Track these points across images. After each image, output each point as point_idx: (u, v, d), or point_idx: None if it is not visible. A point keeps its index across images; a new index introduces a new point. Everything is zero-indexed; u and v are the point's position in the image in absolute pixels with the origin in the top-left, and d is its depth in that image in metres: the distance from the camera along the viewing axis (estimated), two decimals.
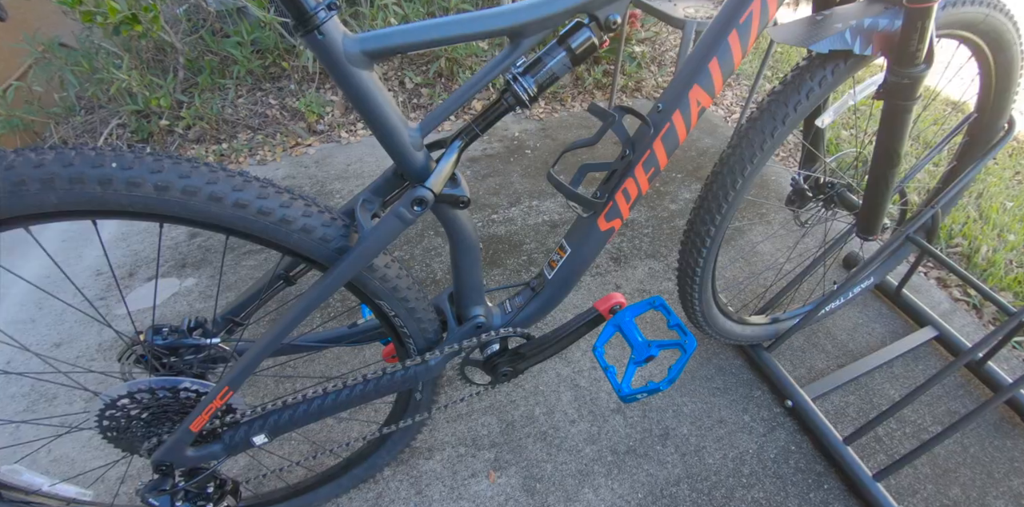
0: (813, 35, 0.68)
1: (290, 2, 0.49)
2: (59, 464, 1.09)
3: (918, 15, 0.64)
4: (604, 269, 1.47)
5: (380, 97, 0.56)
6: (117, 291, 1.50)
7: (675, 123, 0.68)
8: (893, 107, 0.76)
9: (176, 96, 2.11)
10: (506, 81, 0.60)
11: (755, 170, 0.79)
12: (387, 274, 0.68)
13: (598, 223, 0.75)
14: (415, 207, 0.60)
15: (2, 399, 1.21)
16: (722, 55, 0.65)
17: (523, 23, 0.55)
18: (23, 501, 0.79)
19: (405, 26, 0.54)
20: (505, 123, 2.06)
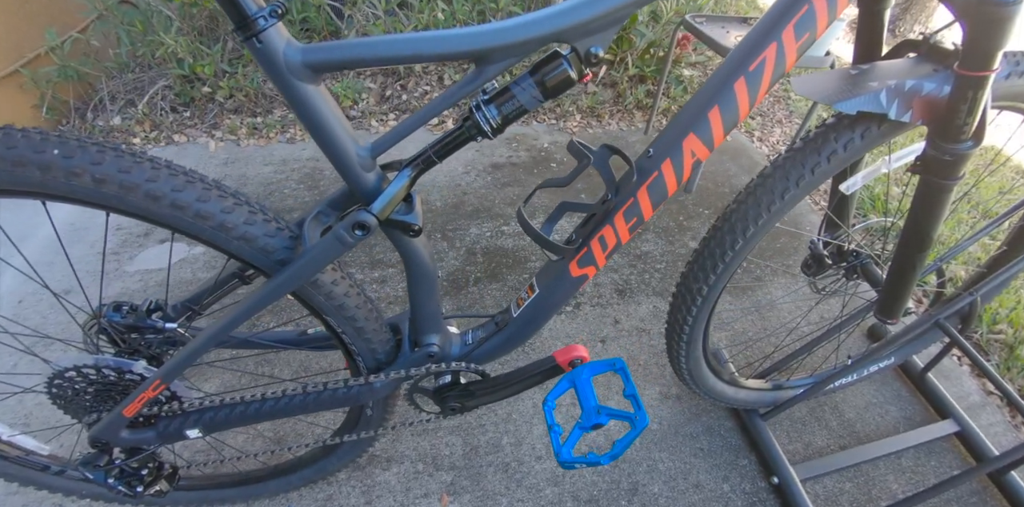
0: (843, 91, 0.58)
1: (229, 4, 0.45)
2: (27, 419, 1.11)
3: (969, 84, 0.54)
4: (607, 300, 1.39)
5: (326, 112, 0.52)
6: (141, 244, 1.56)
7: (664, 173, 0.61)
8: (930, 184, 0.65)
9: (221, 66, 2.12)
10: (469, 108, 0.55)
11: (759, 231, 0.70)
12: (333, 291, 0.65)
13: (570, 268, 0.69)
14: (356, 231, 0.57)
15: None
16: (725, 104, 0.56)
17: (488, 48, 0.50)
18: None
19: (357, 40, 0.50)
20: (536, 132, 1.99)
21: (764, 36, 0.53)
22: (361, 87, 2.08)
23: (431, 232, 1.58)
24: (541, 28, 0.49)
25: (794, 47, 0.53)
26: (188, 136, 2.08)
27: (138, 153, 0.54)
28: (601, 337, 1.31)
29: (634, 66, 2.06)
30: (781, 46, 0.53)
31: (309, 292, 0.64)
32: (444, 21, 2.04)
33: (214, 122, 2.10)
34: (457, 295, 1.41)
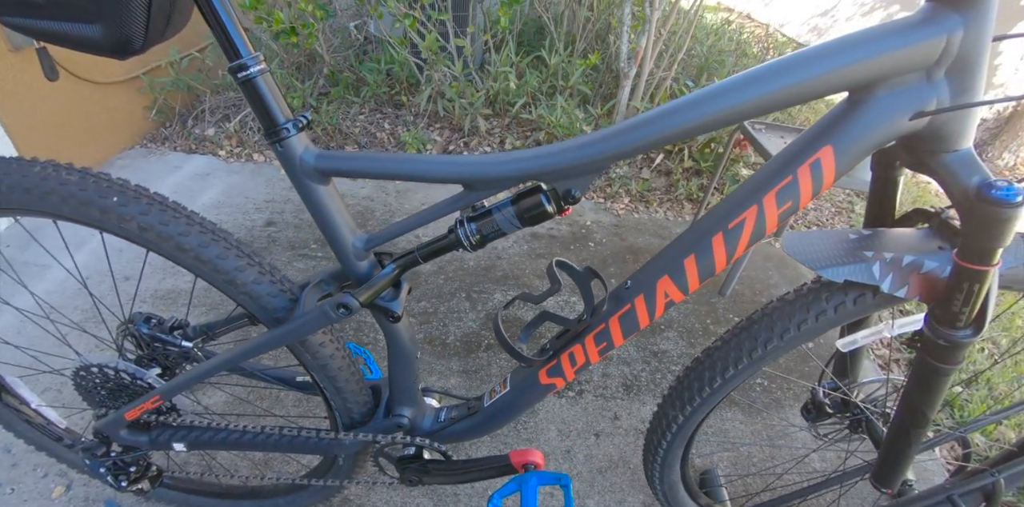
0: (834, 257, 0.56)
1: (262, 113, 0.56)
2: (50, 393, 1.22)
3: (967, 275, 0.51)
4: (611, 393, 1.37)
5: (331, 207, 0.61)
6: None
7: (636, 307, 0.62)
8: (926, 365, 0.61)
9: (308, 100, 2.31)
10: (456, 221, 0.61)
11: (737, 375, 0.69)
12: (319, 352, 0.73)
13: (539, 376, 0.71)
14: (339, 309, 0.63)
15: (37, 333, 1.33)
16: (701, 254, 0.57)
17: (473, 178, 0.57)
18: (15, 408, 0.96)
19: (364, 154, 0.60)
20: (581, 209, 2.03)
21: (747, 197, 0.54)
22: (427, 138, 2.20)
23: (457, 290, 1.62)
24: (522, 167, 0.55)
25: (775, 213, 0.54)
26: (266, 157, 2.25)
27: (179, 208, 0.65)
28: (597, 430, 1.28)
29: (691, 158, 2.09)
30: (762, 210, 0.54)
31: (298, 349, 0.72)
32: (516, 90, 2.15)
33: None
34: (466, 358, 1.42)
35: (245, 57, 0.54)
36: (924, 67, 0.47)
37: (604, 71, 2.44)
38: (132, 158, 2.20)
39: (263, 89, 0.55)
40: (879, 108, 0.48)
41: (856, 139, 0.49)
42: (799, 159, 0.51)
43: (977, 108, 0.48)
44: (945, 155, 0.51)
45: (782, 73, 0.48)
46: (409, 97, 2.35)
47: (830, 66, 0.47)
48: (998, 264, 0.51)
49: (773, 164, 0.53)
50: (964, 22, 0.45)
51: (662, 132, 0.50)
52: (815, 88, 0.48)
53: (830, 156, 0.50)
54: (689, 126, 0.50)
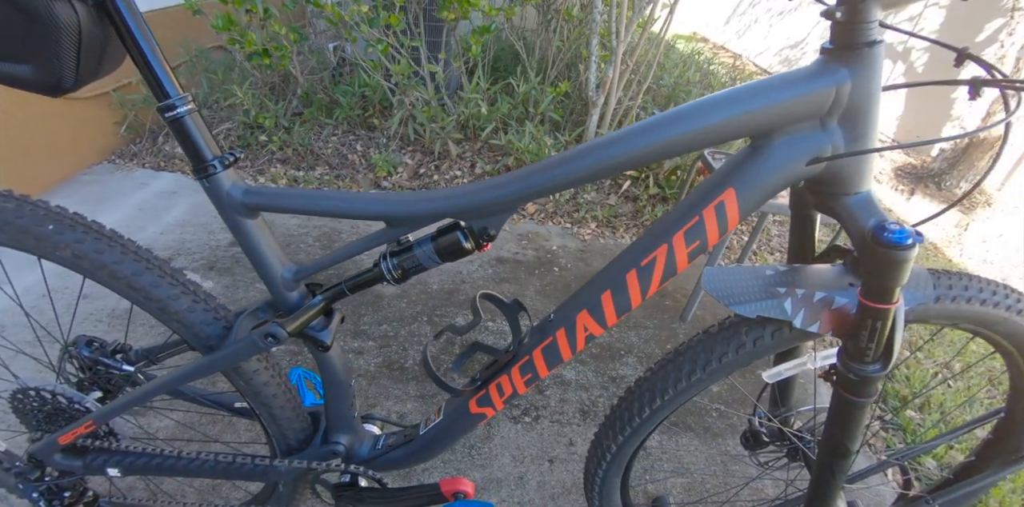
0: (749, 293, 0.57)
1: (190, 150, 0.57)
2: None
3: (869, 313, 0.53)
4: (568, 418, 1.37)
5: (259, 240, 0.63)
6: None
7: (558, 340, 0.64)
8: (842, 398, 0.62)
9: (281, 120, 2.32)
10: (380, 256, 0.63)
11: (664, 406, 0.70)
12: (253, 379, 0.73)
13: (469, 405, 0.72)
14: (267, 339, 0.64)
15: None
16: (617, 291, 0.59)
17: (392, 215, 0.59)
18: None
19: (291, 190, 0.62)
20: (549, 233, 2.05)
21: (659, 237, 0.57)
22: (398, 161, 2.22)
23: (420, 314, 1.61)
24: (439, 206, 0.57)
25: (684, 252, 0.56)
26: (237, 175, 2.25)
27: (115, 236, 0.66)
28: (551, 457, 1.27)
29: (656, 185, 2.13)
30: (672, 249, 0.56)
31: (232, 375, 0.72)
32: (487, 116, 2.19)
33: (261, 168, 2.26)
34: (423, 383, 1.41)
35: (173, 97, 0.56)
36: (818, 116, 0.50)
37: (575, 98, 2.50)
38: (98, 174, 2.18)
39: (191, 128, 0.57)
40: (777, 154, 0.51)
41: (756, 183, 0.52)
42: (705, 201, 0.53)
43: (872, 154, 0.52)
44: (845, 198, 0.53)
45: (686, 119, 0.50)
46: (382, 120, 2.38)
47: (730, 113, 0.50)
48: (897, 302, 0.54)
49: (682, 205, 0.56)
50: (851, 75, 0.48)
51: (568, 175, 0.53)
52: (717, 134, 0.50)
53: (733, 198, 0.52)
54: (595, 168, 0.52)
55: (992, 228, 3.48)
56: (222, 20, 2.12)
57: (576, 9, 2.52)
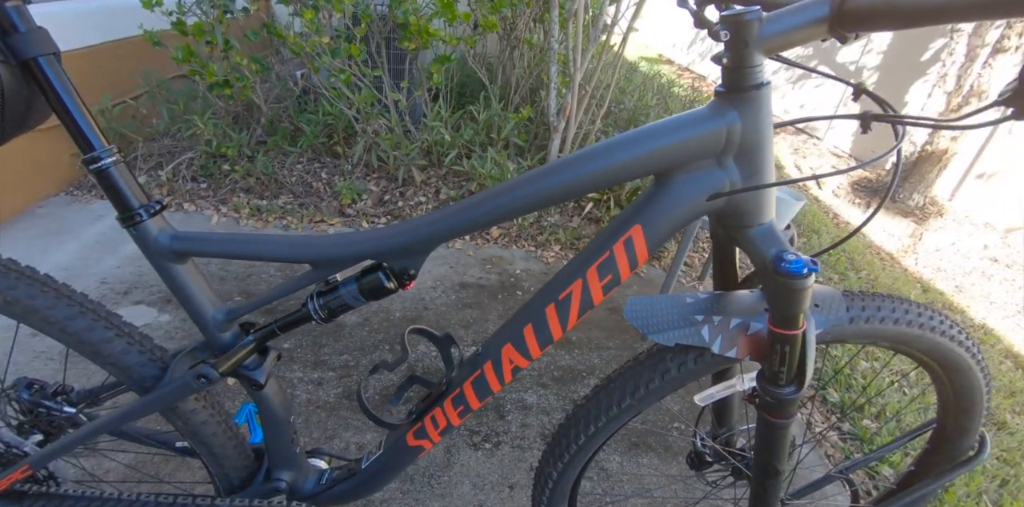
0: (668, 321, 0.59)
1: (116, 200, 0.58)
2: None
3: (778, 339, 0.55)
4: (529, 443, 1.37)
5: (189, 284, 0.64)
6: (116, 301, 1.69)
7: (485, 373, 0.66)
8: (764, 419, 0.64)
9: (244, 149, 2.32)
10: (308, 295, 0.64)
11: (598, 433, 0.71)
12: (191, 418, 0.73)
13: (407, 437, 0.73)
14: (200, 380, 0.65)
15: None
16: (537, 324, 0.61)
17: (317, 258, 0.61)
18: None
19: (216, 235, 0.63)
20: (513, 257, 2.08)
21: (574, 272, 0.59)
22: (363, 188, 2.23)
23: (381, 342, 1.61)
24: (359, 249, 0.59)
25: (599, 286, 0.58)
26: (197, 206, 2.23)
27: (49, 282, 0.65)
28: (511, 482, 1.27)
29: (618, 207, 2.18)
30: (586, 283, 0.58)
31: (170, 415, 0.72)
32: (450, 142, 2.23)
33: (223, 197, 2.25)
34: (383, 410, 1.40)
35: (98, 150, 0.57)
36: (714, 154, 0.53)
37: (538, 123, 2.56)
38: (54, 206, 2.14)
39: (116, 179, 0.58)
40: (679, 190, 0.54)
41: (661, 218, 0.54)
42: (615, 237, 0.56)
43: (770, 188, 0.55)
44: (749, 229, 0.56)
45: (594, 159, 0.53)
46: (346, 147, 2.40)
47: (634, 153, 0.53)
48: (803, 328, 0.56)
49: (595, 241, 0.58)
50: (741, 116, 0.51)
51: (477, 217, 0.55)
52: (623, 172, 0.53)
53: (640, 234, 0.55)
54: (505, 209, 0.54)
55: (944, 237, 3.62)
56: (182, 52, 2.13)
57: (536, 37, 2.60)
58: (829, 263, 2.69)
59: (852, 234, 0.59)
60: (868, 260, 2.89)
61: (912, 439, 0.96)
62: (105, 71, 2.38)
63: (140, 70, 2.46)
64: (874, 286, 2.60)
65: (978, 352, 0.75)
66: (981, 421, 0.84)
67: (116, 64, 2.43)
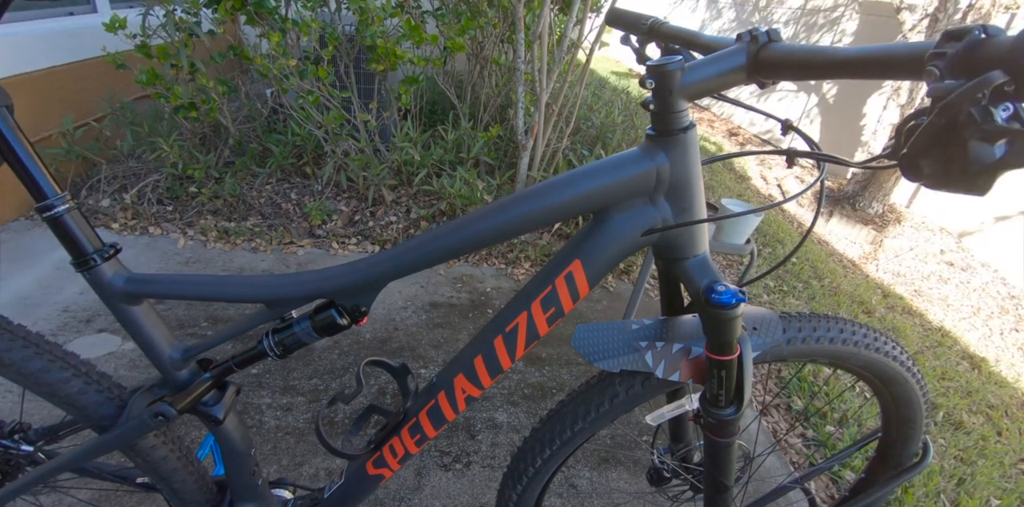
0: (613, 347, 0.62)
1: (71, 246, 0.59)
2: None
3: (715, 364, 0.58)
4: (500, 463, 1.38)
5: (144, 325, 0.65)
6: (79, 329, 1.65)
7: (440, 402, 0.67)
8: (708, 438, 0.67)
9: (212, 171, 2.30)
10: (264, 332, 0.66)
11: (554, 456, 0.73)
12: (151, 455, 0.74)
13: (366, 466, 0.75)
14: (157, 418, 0.65)
15: None
16: (487, 355, 0.64)
17: (270, 298, 0.62)
18: None
19: (172, 276, 0.64)
20: (483, 275, 2.10)
21: (520, 305, 0.61)
22: (333, 208, 2.24)
23: (351, 365, 1.61)
24: (311, 288, 0.61)
25: (543, 318, 0.61)
26: (163, 229, 2.20)
27: (4, 323, 0.65)
28: (482, 503, 1.28)
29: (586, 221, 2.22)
30: (531, 316, 0.61)
31: (128, 452, 0.72)
32: (420, 161, 2.25)
33: (190, 220, 2.23)
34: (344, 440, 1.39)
35: (51, 197, 0.58)
36: (646, 193, 0.56)
37: (508, 141, 2.60)
38: (15, 231, 2.10)
39: (70, 225, 0.59)
40: (615, 227, 0.57)
41: (599, 254, 0.58)
42: (556, 271, 0.59)
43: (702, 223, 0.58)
44: (683, 261, 0.60)
45: (536, 198, 0.56)
46: (315, 168, 2.40)
47: (573, 192, 0.56)
48: (737, 354, 0.60)
49: (538, 276, 0.61)
50: (669, 157, 0.55)
51: (425, 256, 0.58)
52: (564, 210, 0.56)
53: (580, 269, 0.58)
54: (451, 248, 0.57)
55: (903, 243, 3.76)
56: (146, 75, 2.12)
57: (504, 57, 2.65)
58: (793, 272, 2.77)
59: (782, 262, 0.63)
60: (831, 268, 2.98)
61: (860, 448, 1.01)
62: (67, 92, 2.35)
63: (103, 91, 2.44)
64: (837, 293, 2.69)
65: (913, 365, 0.79)
66: (922, 429, 0.88)
67: (78, 85, 2.40)
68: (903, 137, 0.35)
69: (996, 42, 0.31)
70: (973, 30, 0.33)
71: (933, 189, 0.33)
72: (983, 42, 0.32)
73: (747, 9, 6.68)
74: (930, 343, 2.56)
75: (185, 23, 2.14)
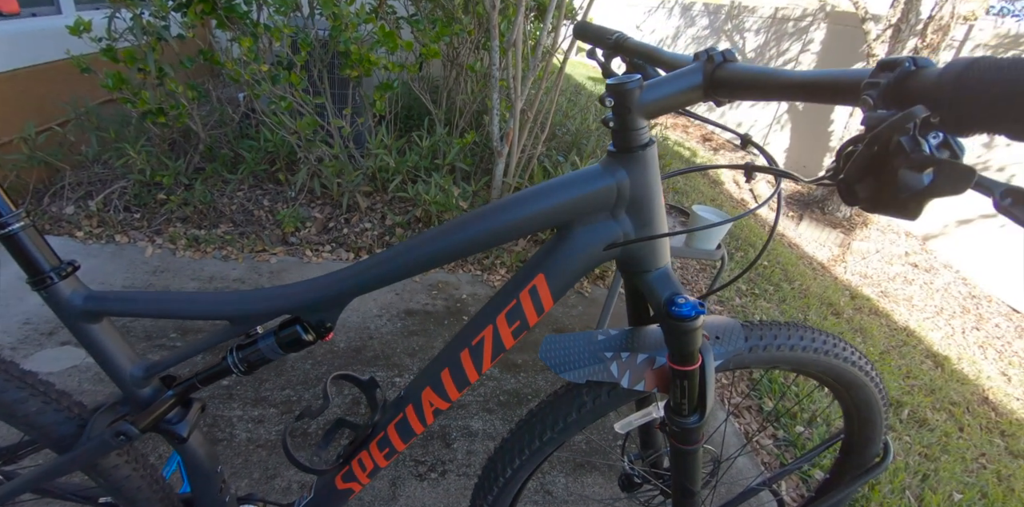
0: (579, 358, 0.63)
1: (26, 265, 0.58)
2: None
3: (677, 374, 0.60)
4: (475, 470, 1.37)
5: (104, 343, 0.64)
6: (41, 342, 1.60)
7: (408, 416, 0.67)
8: (673, 446, 0.69)
9: (181, 177, 2.26)
10: (228, 349, 0.65)
11: (523, 466, 0.74)
12: (113, 474, 0.72)
13: (336, 481, 0.74)
14: (118, 437, 0.64)
15: None
16: (454, 369, 0.64)
17: (233, 315, 0.62)
18: None
19: (131, 294, 0.63)
20: (459, 282, 2.10)
21: (485, 318, 0.62)
22: (306, 215, 2.21)
23: (325, 375, 1.59)
24: (275, 304, 0.60)
25: (508, 331, 0.61)
26: (130, 238, 2.15)
27: None
28: None
29: None
30: (496, 329, 0.61)
31: (89, 472, 0.70)
32: (395, 167, 2.24)
33: (159, 228, 2.18)
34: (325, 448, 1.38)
35: (5, 215, 0.56)
36: (607, 208, 0.57)
37: (483, 147, 2.61)
38: None
39: (25, 243, 0.58)
40: (578, 241, 0.58)
41: (562, 268, 0.58)
42: (521, 285, 0.59)
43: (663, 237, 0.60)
44: (645, 274, 0.61)
45: (501, 213, 0.56)
46: (288, 174, 2.37)
47: (537, 207, 0.56)
48: (698, 364, 0.61)
49: (504, 289, 0.62)
50: (629, 173, 0.56)
51: (394, 270, 0.58)
52: (529, 225, 0.57)
53: (543, 283, 0.59)
54: (418, 262, 0.57)
55: (870, 246, 3.88)
56: (112, 79, 2.07)
57: (479, 64, 2.66)
58: (764, 275, 2.83)
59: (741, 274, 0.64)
60: (801, 271, 3.06)
61: (824, 450, 1.03)
62: (30, 96, 2.29)
63: (68, 95, 2.37)
64: (807, 295, 2.76)
65: (872, 370, 0.82)
66: (883, 430, 0.91)
67: (42, 89, 2.33)
68: (841, 161, 0.36)
69: (923, 75, 0.33)
70: (904, 62, 0.34)
71: (869, 212, 0.35)
72: (912, 74, 0.33)
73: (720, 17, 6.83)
74: (896, 343, 2.63)
75: (153, 27, 2.10)
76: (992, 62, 0.30)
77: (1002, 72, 0.28)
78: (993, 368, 2.70)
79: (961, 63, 0.31)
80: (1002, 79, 0.28)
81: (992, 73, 0.29)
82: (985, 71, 0.29)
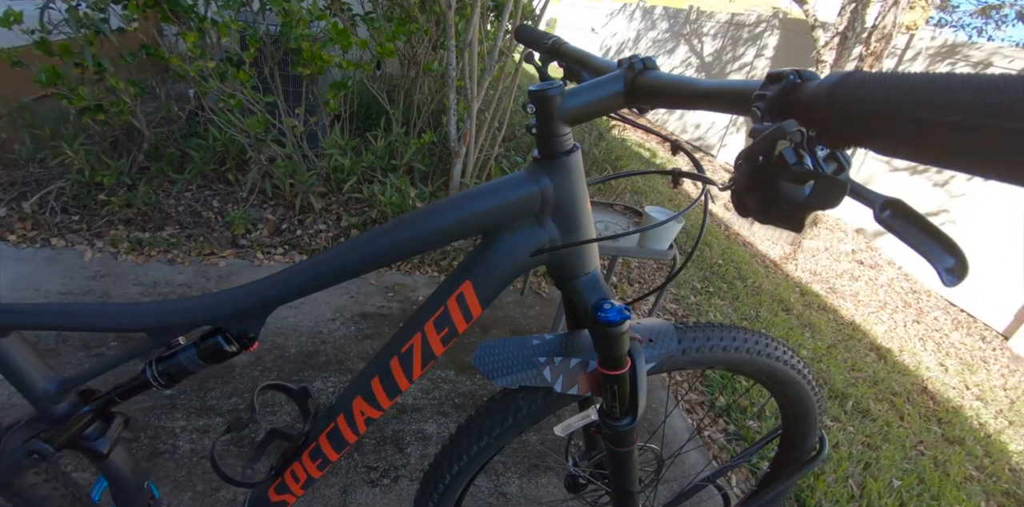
0: (512, 364, 0.64)
1: None
2: None
3: (607, 379, 0.61)
4: None
5: (14, 357, 0.61)
6: None
7: (339, 425, 0.67)
8: (608, 448, 0.70)
9: (124, 177, 2.16)
10: (147, 361, 0.63)
11: (462, 472, 0.74)
12: (31, 494, 0.69)
13: (269, 493, 0.73)
14: (32, 456, 0.62)
15: None
16: (384, 376, 0.64)
17: (153, 326, 0.60)
18: None
19: (41, 306, 0.60)
20: (416, 284, 2.08)
21: (414, 326, 0.62)
22: (258, 217, 2.15)
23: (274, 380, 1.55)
24: (195, 315, 0.58)
25: (437, 338, 0.61)
26: (68, 241, 2.04)
27: None
28: None
29: None
30: (425, 336, 0.61)
31: (4, 492, 0.67)
32: (350, 167, 2.21)
33: (99, 231, 2.08)
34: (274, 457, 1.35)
35: None
36: (532, 215, 0.57)
37: (441, 147, 2.59)
38: None
39: None
40: (503, 248, 0.58)
41: (489, 274, 0.58)
42: (448, 292, 0.59)
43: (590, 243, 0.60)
44: (574, 280, 0.61)
45: (427, 219, 0.56)
46: (239, 174, 2.30)
47: (462, 214, 0.56)
48: (627, 368, 0.62)
49: (432, 297, 0.61)
50: (553, 180, 0.56)
51: (318, 278, 0.56)
52: (455, 231, 0.56)
53: (470, 289, 0.58)
54: (341, 271, 0.56)
55: (819, 244, 4.03)
56: (46, 74, 1.97)
57: (437, 63, 2.64)
58: (719, 273, 2.91)
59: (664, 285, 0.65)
60: (754, 269, 3.15)
61: (764, 445, 1.07)
62: None
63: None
64: (759, 293, 2.84)
65: (804, 368, 0.85)
66: (817, 425, 0.95)
67: None
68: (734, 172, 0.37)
69: (803, 88, 0.34)
70: (789, 74, 0.35)
71: (761, 223, 0.36)
72: (796, 87, 0.34)
73: (679, 21, 6.97)
74: (842, 337, 2.74)
75: (90, 19, 2.00)
76: (863, 77, 0.31)
77: (867, 88, 0.29)
78: (932, 359, 2.84)
79: (835, 78, 0.32)
80: (866, 96, 0.29)
81: (860, 89, 0.30)
82: (855, 87, 0.30)
